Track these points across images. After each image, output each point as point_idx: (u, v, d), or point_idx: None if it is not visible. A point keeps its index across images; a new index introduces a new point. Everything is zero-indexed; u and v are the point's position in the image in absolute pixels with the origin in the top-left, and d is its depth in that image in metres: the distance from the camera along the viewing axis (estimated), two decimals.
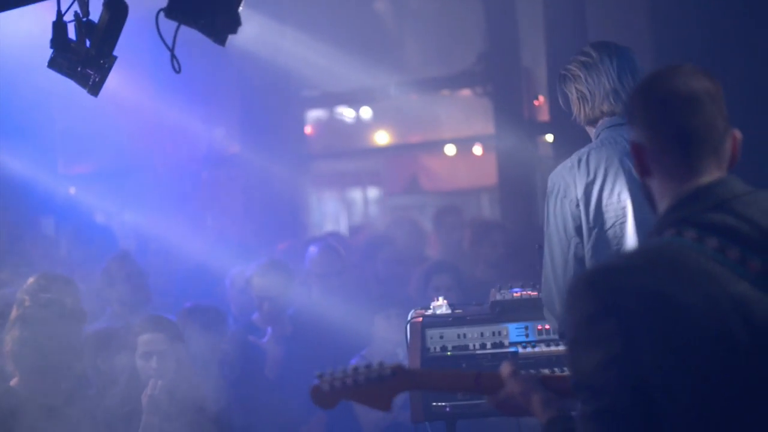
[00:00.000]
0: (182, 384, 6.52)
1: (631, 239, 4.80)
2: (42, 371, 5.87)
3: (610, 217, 4.87)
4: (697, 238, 2.83)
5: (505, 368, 3.44)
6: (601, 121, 5.06)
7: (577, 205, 4.93)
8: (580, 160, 4.98)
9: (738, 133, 3.05)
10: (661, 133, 2.97)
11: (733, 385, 2.70)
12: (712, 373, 2.69)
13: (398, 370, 3.48)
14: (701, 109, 2.95)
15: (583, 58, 5.10)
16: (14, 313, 6.04)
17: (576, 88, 5.09)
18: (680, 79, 2.99)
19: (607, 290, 2.78)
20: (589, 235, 4.89)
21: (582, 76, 5.06)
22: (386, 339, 8.04)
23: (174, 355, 6.59)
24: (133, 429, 6.23)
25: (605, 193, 4.88)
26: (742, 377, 2.71)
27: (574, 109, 5.16)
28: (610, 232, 4.85)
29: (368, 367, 3.49)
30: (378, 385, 3.46)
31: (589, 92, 5.04)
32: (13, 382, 5.93)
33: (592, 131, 5.19)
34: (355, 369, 3.49)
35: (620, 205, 4.84)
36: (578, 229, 4.93)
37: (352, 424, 7.73)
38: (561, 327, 5.05)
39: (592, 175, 4.91)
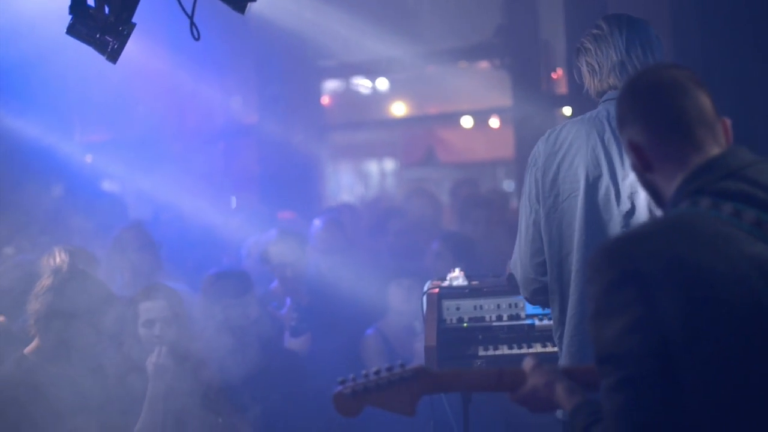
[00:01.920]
0: (185, 351, 6.52)
1: (581, 213, 4.82)
2: (64, 340, 5.87)
3: (565, 189, 4.88)
4: (712, 205, 2.85)
5: (528, 362, 3.41)
6: (606, 95, 5.05)
7: (540, 174, 4.96)
8: (552, 132, 5.02)
9: (728, 120, 3.10)
10: (655, 121, 3.02)
11: (755, 344, 2.71)
12: (734, 332, 2.71)
13: (420, 372, 3.44)
14: (688, 92, 3.01)
15: (595, 31, 5.08)
16: (46, 280, 6.02)
17: (586, 61, 5.06)
18: (662, 71, 3.08)
19: (625, 257, 2.79)
20: (543, 204, 4.93)
21: (592, 48, 5.03)
22: (400, 311, 8.05)
23: (176, 322, 6.57)
24: (137, 401, 6.23)
25: (564, 165, 4.88)
26: (763, 336, 2.72)
27: (585, 82, 5.14)
28: (564, 204, 4.87)
29: (390, 369, 3.45)
30: (401, 387, 3.42)
31: (598, 65, 5.01)
32: (29, 349, 5.93)
33: None
34: (377, 372, 3.44)
35: (576, 178, 4.84)
36: (538, 197, 4.97)
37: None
38: (523, 290, 5.18)
39: (556, 147, 4.93)
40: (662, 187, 3.04)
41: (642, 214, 4.74)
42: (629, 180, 4.75)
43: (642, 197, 4.75)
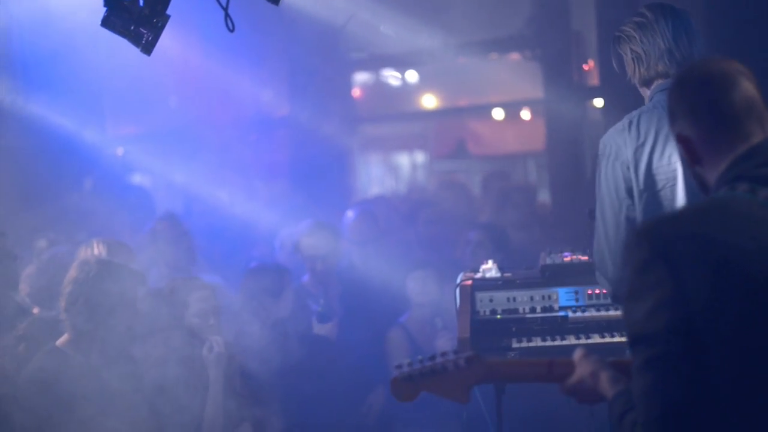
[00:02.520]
0: (233, 342, 6.57)
1: (681, 201, 4.79)
2: (93, 331, 5.89)
3: (660, 179, 4.85)
4: (749, 190, 2.87)
5: (577, 353, 3.44)
6: (655, 83, 5.05)
7: (628, 168, 4.90)
8: (631, 123, 4.97)
9: None
10: (704, 114, 3.03)
11: None
12: (760, 311, 2.71)
13: (473, 360, 3.48)
14: (736, 84, 3.03)
15: (638, 19, 5.08)
16: (73, 272, 6.06)
17: (631, 48, 5.07)
18: (711, 64, 3.09)
19: (658, 238, 2.80)
20: (640, 198, 4.89)
21: (637, 36, 5.04)
22: (420, 303, 8.02)
23: (219, 314, 6.63)
24: (175, 391, 6.24)
25: (655, 156, 4.86)
26: None
27: (629, 70, 5.14)
28: (661, 194, 4.84)
29: (444, 356, 3.49)
30: (455, 375, 3.46)
31: (644, 52, 5.02)
32: (61, 341, 5.96)
33: (646, 93, 5.17)
34: (432, 358, 3.49)
35: (671, 167, 4.82)
36: (629, 191, 4.92)
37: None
38: (614, 289, 5.04)
39: (642, 138, 4.90)
40: (710, 179, 3.05)
41: None
42: None
43: None
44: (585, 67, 12.07)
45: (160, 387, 6.10)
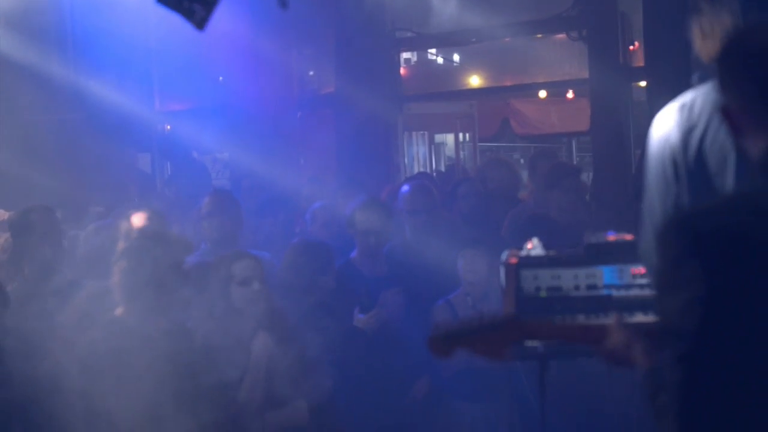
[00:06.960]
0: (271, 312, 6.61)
1: (731, 189, 4.56)
2: (145, 302, 5.97)
3: (711, 164, 4.63)
4: None
5: (613, 319, 3.43)
6: None
7: (678, 151, 4.82)
8: (683, 105, 4.76)
9: None
10: (747, 91, 2.93)
11: None
12: None
13: (511, 320, 3.54)
14: None
15: None
16: (121, 244, 6.15)
17: (700, 22, 4.90)
18: (758, 36, 2.96)
19: (692, 233, 2.75)
20: (690, 183, 4.70)
21: (705, 9, 4.86)
22: (470, 282, 7.98)
23: (266, 284, 6.66)
24: (217, 364, 6.31)
25: (707, 141, 4.63)
26: None
27: (697, 45, 4.94)
28: (714, 180, 4.62)
29: (482, 317, 3.55)
30: (492, 334, 3.50)
31: (711, 27, 4.86)
32: (118, 311, 6.05)
33: None
34: (470, 319, 3.56)
35: (722, 153, 4.64)
36: (677, 177, 4.72)
37: None
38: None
39: (694, 121, 4.68)
40: (754, 154, 2.97)
41: None
42: None
43: None
44: (631, 48, 12.03)
45: (204, 359, 6.16)
